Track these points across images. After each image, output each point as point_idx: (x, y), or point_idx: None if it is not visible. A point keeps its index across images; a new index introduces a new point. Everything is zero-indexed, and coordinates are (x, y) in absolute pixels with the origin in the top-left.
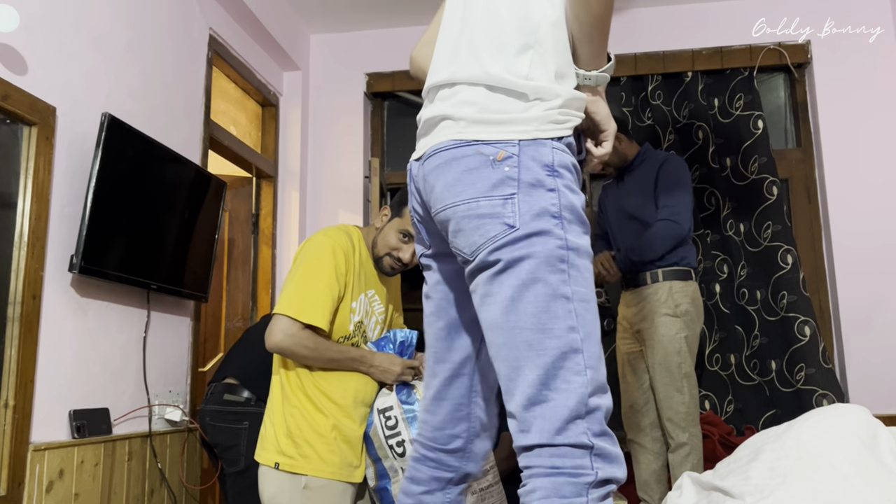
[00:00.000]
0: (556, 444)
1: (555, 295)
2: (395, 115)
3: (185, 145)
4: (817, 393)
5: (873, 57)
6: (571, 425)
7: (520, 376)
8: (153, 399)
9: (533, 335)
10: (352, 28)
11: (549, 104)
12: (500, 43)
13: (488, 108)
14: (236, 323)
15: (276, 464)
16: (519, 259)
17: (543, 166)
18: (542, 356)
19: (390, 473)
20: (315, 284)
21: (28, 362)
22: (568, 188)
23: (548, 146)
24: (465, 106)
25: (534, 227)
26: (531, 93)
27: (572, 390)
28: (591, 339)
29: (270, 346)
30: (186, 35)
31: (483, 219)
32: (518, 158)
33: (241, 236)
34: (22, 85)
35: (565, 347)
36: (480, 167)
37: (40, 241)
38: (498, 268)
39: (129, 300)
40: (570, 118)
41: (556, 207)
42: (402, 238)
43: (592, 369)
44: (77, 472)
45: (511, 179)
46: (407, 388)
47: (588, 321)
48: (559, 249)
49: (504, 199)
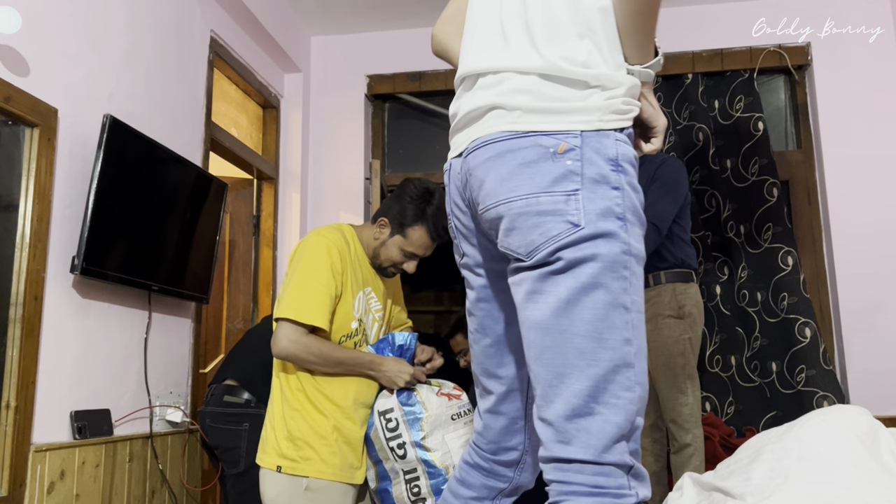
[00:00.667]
0: (601, 463)
1: (615, 303)
2: (395, 116)
3: (186, 147)
4: (818, 394)
5: (873, 59)
6: (618, 444)
7: (564, 384)
8: (154, 400)
9: (586, 343)
10: (353, 30)
11: (611, 93)
12: (555, 29)
13: (546, 95)
14: (237, 324)
15: (277, 467)
16: (581, 260)
17: (608, 160)
18: (594, 367)
19: (391, 475)
20: (313, 284)
21: (29, 363)
22: (632, 186)
23: (611, 137)
24: (519, 94)
25: (600, 227)
26: (591, 80)
27: (621, 406)
28: (642, 354)
29: (276, 353)
30: (188, 37)
31: (543, 216)
32: (581, 151)
33: (241, 238)
34: (24, 86)
35: (618, 360)
36: (539, 160)
37: (42, 243)
38: (556, 267)
39: (130, 301)
40: (631, 108)
41: (620, 208)
42: (406, 256)
43: (641, 386)
44: (78, 473)
45: (574, 174)
46: (407, 390)
47: (641, 334)
48: (623, 255)
49: (567, 195)
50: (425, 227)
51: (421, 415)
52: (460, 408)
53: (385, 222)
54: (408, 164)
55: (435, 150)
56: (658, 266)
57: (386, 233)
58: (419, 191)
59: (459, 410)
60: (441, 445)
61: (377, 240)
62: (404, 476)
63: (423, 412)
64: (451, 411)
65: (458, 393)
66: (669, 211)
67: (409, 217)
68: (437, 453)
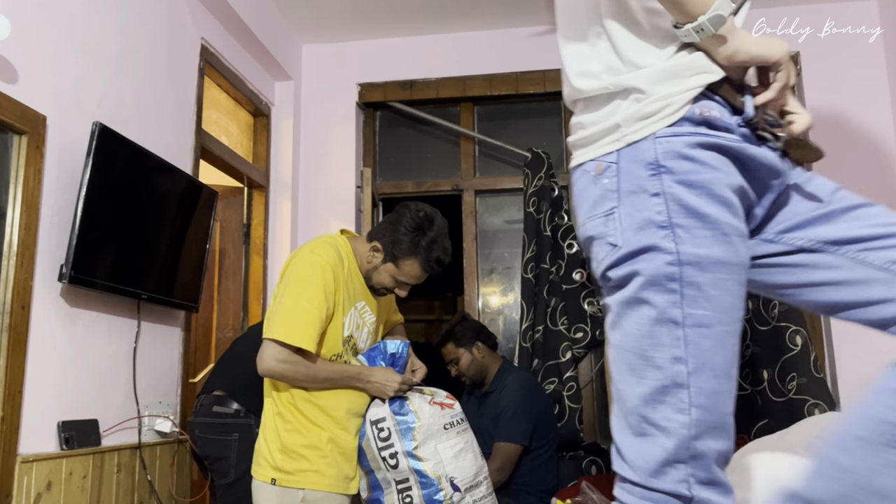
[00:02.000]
0: (649, 488)
1: (660, 319)
2: (386, 125)
3: (176, 155)
4: (809, 402)
5: (864, 60)
6: (670, 469)
7: (620, 399)
8: (143, 410)
9: (635, 359)
10: (344, 38)
11: (635, 96)
12: (577, 39)
13: (580, 124)
14: (227, 333)
15: (272, 479)
16: (624, 278)
17: (645, 165)
18: (641, 385)
19: (383, 485)
20: (304, 305)
21: (16, 373)
22: (683, 183)
23: (647, 142)
24: (572, 129)
25: (636, 243)
26: (612, 88)
27: (672, 431)
28: (704, 372)
29: (262, 372)
30: (178, 45)
31: (591, 242)
32: (617, 166)
33: (232, 246)
34: (12, 94)
35: (666, 380)
36: (586, 186)
37: (30, 251)
38: (607, 287)
39: (119, 310)
40: (668, 102)
41: (662, 215)
42: (398, 283)
43: (700, 408)
44: (65, 485)
45: (611, 192)
46: (399, 399)
47: (703, 350)
48: (668, 266)
49: (605, 215)
50: (418, 260)
51: (413, 424)
52: (453, 417)
53: (378, 248)
54: (399, 172)
55: (426, 158)
56: None
57: (379, 258)
58: (414, 222)
59: (452, 420)
60: (433, 455)
61: (370, 263)
62: (396, 486)
63: (416, 421)
64: (443, 421)
65: (450, 402)
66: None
67: (402, 249)
68: (430, 463)
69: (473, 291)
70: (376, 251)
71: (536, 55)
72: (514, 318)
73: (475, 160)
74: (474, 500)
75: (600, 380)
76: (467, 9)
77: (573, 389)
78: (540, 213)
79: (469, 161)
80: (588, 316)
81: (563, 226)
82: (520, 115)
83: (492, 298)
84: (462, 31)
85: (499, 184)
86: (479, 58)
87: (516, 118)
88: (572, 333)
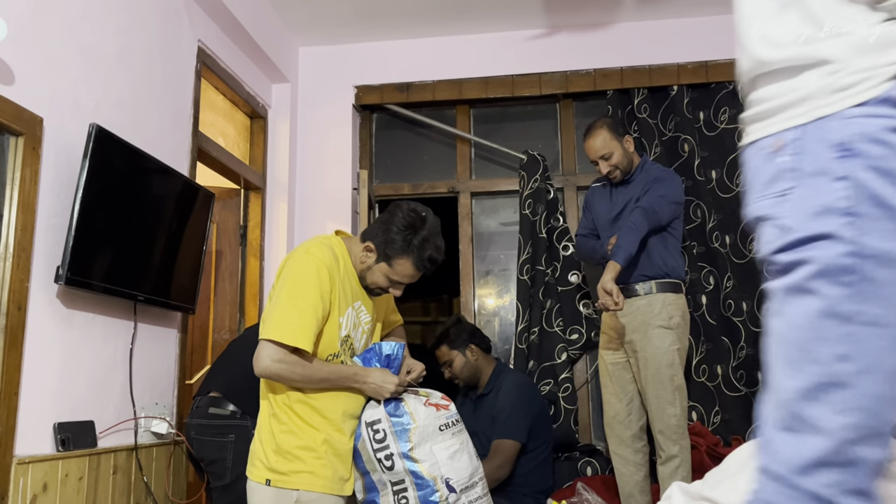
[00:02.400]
0: (792, 485)
1: (827, 312)
2: (383, 127)
3: (173, 156)
4: None
5: None
6: (820, 470)
7: (774, 390)
8: (139, 411)
9: (792, 351)
10: (340, 41)
11: (827, 69)
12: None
13: (761, 98)
14: (224, 335)
15: (266, 480)
16: (792, 264)
17: (832, 146)
18: (796, 379)
19: (378, 486)
20: (300, 306)
21: (12, 374)
22: (874, 169)
23: (836, 119)
24: (748, 105)
25: (811, 228)
26: (803, 59)
27: (829, 432)
28: (872, 374)
29: (259, 373)
30: (175, 46)
31: (760, 222)
32: (800, 143)
33: (228, 248)
34: (9, 95)
35: (825, 378)
36: (759, 164)
37: (26, 252)
38: (772, 272)
39: (115, 312)
40: (868, 76)
41: (846, 201)
42: (392, 283)
43: (864, 411)
44: (61, 486)
45: (787, 171)
46: (395, 400)
47: (875, 351)
48: (844, 258)
49: (778, 196)
50: (410, 259)
51: (409, 426)
52: (448, 418)
53: (371, 248)
54: (395, 174)
55: (422, 160)
56: (648, 275)
57: (372, 258)
58: (406, 221)
59: (447, 421)
60: (429, 456)
61: (363, 263)
62: (392, 487)
63: (411, 423)
64: (438, 422)
65: (445, 403)
66: (665, 210)
67: (394, 248)
68: (425, 464)
69: (469, 293)
70: (369, 251)
71: (532, 58)
72: (509, 320)
73: (471, 162)
74: (470, 500)
75: (595, 381)
76: (463, 12)
77: (569, 391)
78: (535, 215)
79: (465, 163)
80: (583, 317)
81: (558, 228)
82: (515, 118)
83: (488, 300)
84: (458, 34)
85: (495, 186)
86: (474, 60)
87: (512, 121)
88: (568, 335)
